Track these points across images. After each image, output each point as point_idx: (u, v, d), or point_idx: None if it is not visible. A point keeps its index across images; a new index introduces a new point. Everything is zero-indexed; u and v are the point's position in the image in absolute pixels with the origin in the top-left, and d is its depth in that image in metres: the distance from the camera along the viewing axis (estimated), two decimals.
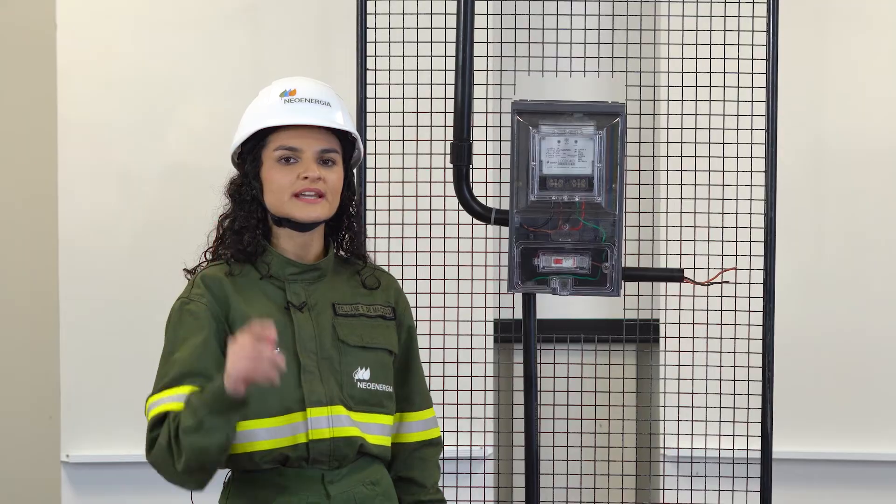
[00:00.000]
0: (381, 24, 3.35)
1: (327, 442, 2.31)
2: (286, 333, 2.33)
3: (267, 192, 2.36)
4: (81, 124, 3.85)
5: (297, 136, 2.35)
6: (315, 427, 2.30)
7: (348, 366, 2.36)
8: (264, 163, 2.36)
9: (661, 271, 3.32)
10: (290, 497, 2.30)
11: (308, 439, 2.30)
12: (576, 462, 3.56)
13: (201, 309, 2.30)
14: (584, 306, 3.81)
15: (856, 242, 3.83)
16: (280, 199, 2.34)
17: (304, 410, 2.31)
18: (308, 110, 2.37)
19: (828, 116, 3.83)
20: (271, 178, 2.35)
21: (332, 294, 2.40)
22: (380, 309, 2.44)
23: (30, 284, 4.28)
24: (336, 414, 2.32)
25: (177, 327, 2.32)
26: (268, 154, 2.36)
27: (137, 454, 3.81)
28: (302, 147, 2.35)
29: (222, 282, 2.33)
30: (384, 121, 3.34)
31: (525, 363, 2.87)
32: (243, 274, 2.36)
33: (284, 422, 2.30)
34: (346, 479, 2.34)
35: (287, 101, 2.38)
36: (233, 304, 2.32)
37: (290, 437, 2.30)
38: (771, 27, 3.17)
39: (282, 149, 2.35)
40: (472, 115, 2.89)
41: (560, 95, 3.49)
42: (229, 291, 2.33)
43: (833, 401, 3.83)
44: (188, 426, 2.18)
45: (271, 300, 2.35)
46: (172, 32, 3.86)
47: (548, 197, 2.66)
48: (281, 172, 2.34)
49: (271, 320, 2.20)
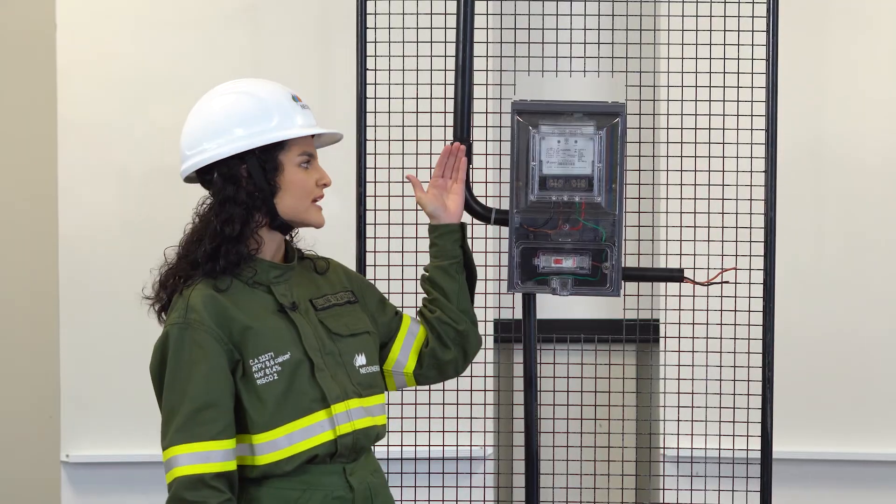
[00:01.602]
0: (381, 24, 3.35)
1: (350, 436, 2.35)
2: (290, 335, 2.35)
3: (287, 196, 2.36)
4: (81, 124, 3.85)
5: (311, 143, 2.42)
6: (339, 423, 2.34)
7: (348, 356, 2.41)
8: (286, 167, 2.36)
9: (661, 271, 3.31)
10: (315, 492, 2.33)
11: (336, 435, 2.33)
12: (576, 462, 3.56)
13: (202, 337, 2.27)
14: (584, 306, 3.82)
15: (855, 242, 3.83)
16: (303, 205, 2.38)
17: (324, 409, 2.33)
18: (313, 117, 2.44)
19: (828, 116, 3.83)
20: (296, 182, 2.36)
21: (305, 291, 2.44)
22: (343, 295, 2.50)
23: (30, 284, 4.28)
24: (353, 407, 2.37)
25: (179, 356, 2.28)
26: (290, 158, 2.37)
27: (137, 454, 3.85)
28: (315, 154, 2.42)
29: (216, 297, 2.31)
30: (384, 121, 3.34)
31: (525, 363, 2.87)
32: (228, 286, 2.33)
33: (308, 423, 2.32)
34: (361, 470, 2.39)
35: (303, 107, 2.42)
36: (233, 316, 2.30)
37: (316, 436, 2.32)
38: (771, 27, 3.17)
39: (306, 154, 2.39)
40: (472, 115, 2.89)
41: (560, 95, 3.49)
42: (226, 305, 2.31)
43: (833, 401, 3.83)
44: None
45: (263, 306, 2.36)
46: (172, 32, 3.86)
47: (548, 197, 2.66)
48: (306, 178, 2.38)
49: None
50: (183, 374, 2.27)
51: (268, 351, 2.31)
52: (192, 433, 2.24)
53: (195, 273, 2.34)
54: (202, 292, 2.31)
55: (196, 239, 2.35)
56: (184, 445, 2.25)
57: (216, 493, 2.23)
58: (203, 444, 2.24)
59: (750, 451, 3.36)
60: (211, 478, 2.23)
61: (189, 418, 2.25)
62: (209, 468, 2.24)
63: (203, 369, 2.26)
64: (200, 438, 2.24)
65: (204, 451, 2.24)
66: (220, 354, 2.28)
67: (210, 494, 2.23)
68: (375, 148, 3.34)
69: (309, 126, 2.40)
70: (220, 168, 2.35)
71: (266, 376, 2.29)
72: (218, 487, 2.24)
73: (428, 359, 2.59)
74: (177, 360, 2.28)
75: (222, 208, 2.34)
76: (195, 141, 2.37)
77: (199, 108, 2.41)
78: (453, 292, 2.58)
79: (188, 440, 2.24)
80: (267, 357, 2.30)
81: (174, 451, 2.25)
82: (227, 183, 2.34)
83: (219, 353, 2.28)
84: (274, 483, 2.32)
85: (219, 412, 2.25)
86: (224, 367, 2.28)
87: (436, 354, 2.58)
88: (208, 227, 2.34)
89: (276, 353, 2.31)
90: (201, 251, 2.33)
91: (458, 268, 2.60)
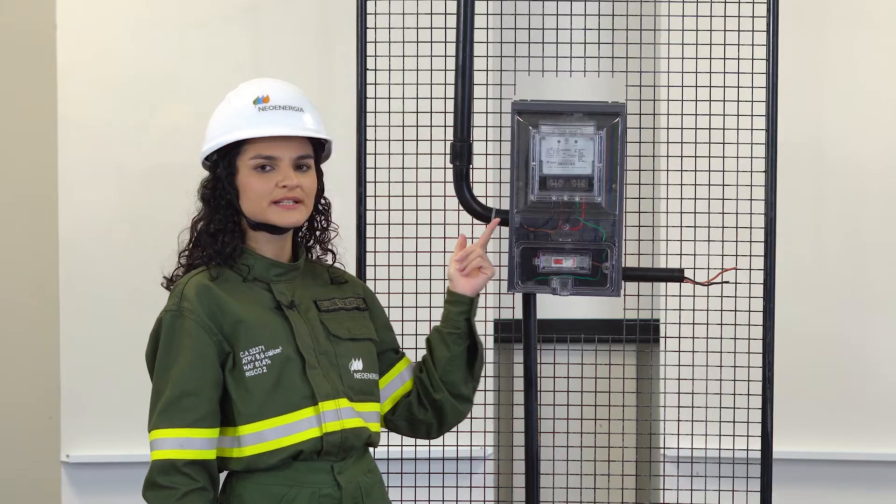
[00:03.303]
0: (381, 24, 3.35)
1: (338, 434, 2.35)
2: (284, 332, 2.37)
3: (244, 199, 2.38)
4: (81, 124, 3.85)
5: (273, 145, 2.38)
6: (327, 420, 2.34)
7: (344, 358, 2.42)
8: (240, 170, 2.38)
9: (661, 271, 3.31)
10: (302, 489, 2.33)
11: (322, 433, 2.34)
12: (576, 462, 3.55)
13: (192, 326, 2.31)
14: (585, 306, 3.82)
15: (856, 242, 3.83)
16: (259, 207, 2.38)
17: (312, 406, 2.34)
18: (282, 118, 2.39)
19: (828, 116, 3.83)
20: (249, 186, 2.37)
21: (311, 292, 2.45)
22: (353, 301, 2.50)
23: (30, 284, 4.28)
24: (342, 406, 2.37)
25: (169, 342, 2.33)
26: (244, 162, 2.38)
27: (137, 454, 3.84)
28: (278, 155, 2.38)
29: (210, 289, 2.34)
30: (384, 121, 3.34)
31: (525, 363, 2.87)
32: (225, 278, 2.38)
33: (295, 418, 2.33)
34: (351, 469, 2.39)
35: (261, 110, 2.39)
36: (226, 309, 2.33)
37: (302, 432, 2.33)
38: (771, 27, 3.17)
39: (259, 157, 2.38)
40: (472, 115, 2.89)
41: (560, 95, 3.49)
42: (220, 296, 2.34)
43: (833, 401, 3.83)
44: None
45: (259, 302, 2.38)
46: (172, 32, 3.86)
47: (548, 197, 2.66)
48: (259, 181, 2.37)
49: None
50: (170, 360, 2.32)
51: (258, 344, 2.33)
52: (172, 418, 2.29)
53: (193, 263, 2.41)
54: (198, 282, 2.35)
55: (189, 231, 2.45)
56: (164, 430, 2.29)
57: (188, 479, 2.26)
58: (181, 431, 2.28)
59: (750, 451, 3.36)
60: (184, 464, 2.27)
61: (170, 403, 2.29)
62: (184, 454, 2.27)
63: (189, 357, 2.30)
64: (179, 424, 2.28)
65: (181, 437, 2.28)
66: (208, 345, 2.31)
67: (181, 481, 2.26)
68: (375, 148, 3.34)
69: (262, 129, 2.37)
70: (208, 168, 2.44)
71: (255, 369, 2.32)
72: (190, 475, 2.27)
73: (402, 409, 2.56)
74: (166, 346, 2.33)
75: (205, 205, 2.42)
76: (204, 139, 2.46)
77: None
78: (441, 360, 2.53)
79: (167, 425, 2.29)
80: (257, 350, 2.33)
81: (155, 434, 2.30)
82: (208, 182, 2.43)
83: (206, 343, 2.31)
84: (259, 478, 2.33)
85: (199, 400, 2.29)
86: (210, 357, 2.31)
87: (411, 409, 2.56)
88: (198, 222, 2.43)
89: (267, 346, 2.33)
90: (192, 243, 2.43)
91: (457, 339, 2.54)
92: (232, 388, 2.32)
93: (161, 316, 2.36)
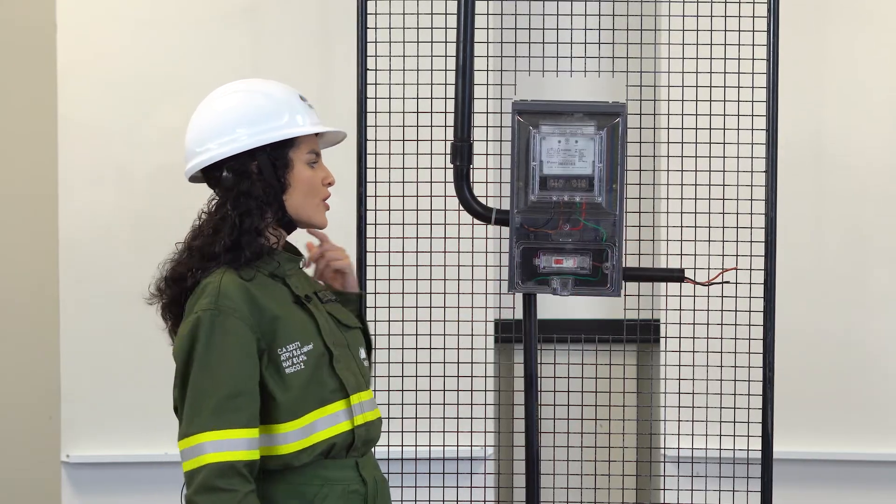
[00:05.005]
0: (381, 24, 3.35)
1: (364, 427, 2.36)
2: (311, 326, 2.36)
3: (296, 193, 2.37)
4: (81, 124, 3.85)
5: (317, 142, 2.43)
6: (357, 413, 2.35)
7: (355, 348, 2.44)
8: (296, 164, 2.37)
9: (661, 271, 3.31)
10: (333, 487, 2.32)
11: (353, 426, 2.34)
12: (576, 462, 3.56)
13: (236, 324, 2.25)
14: (585, 306, 3.81)
15: (856, 242, 3.83)
16: (311, 203, 2.39)
17: (342, 399, 2.34)
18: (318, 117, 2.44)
19: (828, 116, 3.83)
20: (305, 181, 2.37)
21: (309, 284, 2.47)
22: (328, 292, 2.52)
23: (30, 284, 4.28)
24: (364, 399, 2.38)
25: (210, 340, 2.24)
26: (299, 156, 2.38)
27: (138, 454, 3.85)
28: (320, 153, 2.44)
29: (247, 288, 2.29)
30: (384, 121, 3.34)
31: (525, 363, 2.87)
32: (253, 277, 2.33)
33: (330, 411, 2.32)
34: (369, 464, 2.40)
35: (309, 106, 2.43)
36: (264, 308, 2.29)
37: (337, 425, 2.32)
38: (771, 27, 3.17)
39: (313, 153, 2.40)
40: (473, 115, 2.89)
41: (560, 95, 3.49)
42: (257, 296, 2.30)
43: (833, 401, 3.83)
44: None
45: (283, 297, 2.36)
46: (172, 32, 3.86)
47: (548, 197, 2.66)
48: (314, 176, 2.39)
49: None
50: (214, 359, 2.24)
51: (294, 340, 2.31)
52: (223, 419, 2.21)
53: (211, 265, 2.31)
54: (233, 280, 2.29)
55: (212, 232, 2.33)
56: (215, 432, 2.21)
57: (245, 481, 2.21)
58: (234, 432, 2.22)
59: (750, 451, 3.36)
60: (243, 465, 2.21)
61: (221, 405, 2.22)
62: (240, 455, 2.21)
63: (237, 355, 2.24)
64: (232, 426, 2.22)
65: (235, 438, 2.22)
66: (252, 342, 2.26)
67: (240, 483, 2.20)
68: (376, 148, 3.34)
69: (317, 124, 2.41)
70: (230, 165, 2.34)
71: (294, 365, 2.29)
72: (247, 476, 2.22)
73: None
74: (208, 345, 2.25)
75: (237, 202, 2.32)
76: (205, 138, 2.36)
77: (208, 106, 2.40)
78: None
79: (220, 427, 2.21)
80: (294, 346, 2.30)
81: (203, 438, 2.22)
82: (242, 178, 2.33)
83: (251, 341, 2.26)
84: (289, 478, 2.31)
85: (249, 400, 2.24)
86: (254, 355, 2.27)
87: None
88: (226, 221, 2.32)
89: (302, 342, 2.31)
90: (220, 244, 2.31)
91: None
92: (271, 385, 2.27)
93: (198, 314, 2.26)
